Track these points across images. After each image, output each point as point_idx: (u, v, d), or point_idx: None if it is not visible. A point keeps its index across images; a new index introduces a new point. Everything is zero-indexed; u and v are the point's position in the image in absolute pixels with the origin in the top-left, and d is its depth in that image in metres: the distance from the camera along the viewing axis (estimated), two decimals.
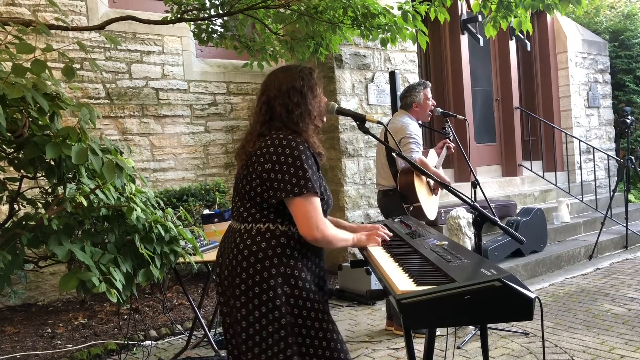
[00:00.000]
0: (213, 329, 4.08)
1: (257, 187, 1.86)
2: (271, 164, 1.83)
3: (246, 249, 1.86)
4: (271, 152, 1.84)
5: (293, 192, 1.79)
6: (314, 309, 1.87)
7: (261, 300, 1.82)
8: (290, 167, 1.81)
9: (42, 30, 2.27)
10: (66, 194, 2.28)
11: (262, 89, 2.01)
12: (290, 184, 1.79)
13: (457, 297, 1.41)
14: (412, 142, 3.71)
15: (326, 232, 1.84)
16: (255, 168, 1.87)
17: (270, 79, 2.00)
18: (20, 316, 4.64)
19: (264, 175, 1.84)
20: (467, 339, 3.66)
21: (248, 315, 1.83)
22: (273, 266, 1.83)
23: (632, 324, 3.83)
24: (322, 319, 1.89)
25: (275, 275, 1.83)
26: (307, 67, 2.03)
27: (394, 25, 4.09)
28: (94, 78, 5.33)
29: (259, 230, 1.88)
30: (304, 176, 1.80)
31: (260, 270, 1.83)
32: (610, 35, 9.17)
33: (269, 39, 4.58)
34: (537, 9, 4.07)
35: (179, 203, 5.08)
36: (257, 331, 1.83)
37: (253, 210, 1.90)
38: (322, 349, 1.87)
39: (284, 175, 1.80)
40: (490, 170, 7.80)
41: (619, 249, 6.42)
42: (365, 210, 5.76)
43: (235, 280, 1.86)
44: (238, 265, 1.86)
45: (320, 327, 1.88)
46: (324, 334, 1.88)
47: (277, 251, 1.85)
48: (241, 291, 1.85)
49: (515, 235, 2.00)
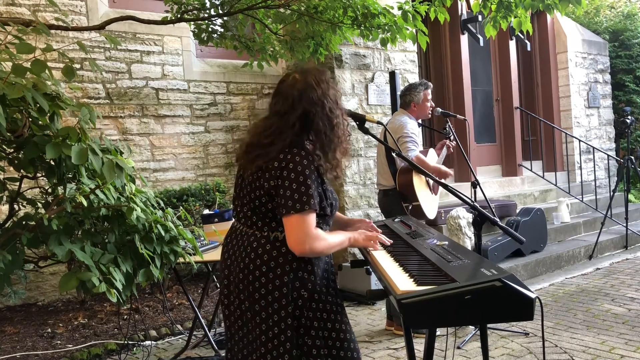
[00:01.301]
0: (213, 329, 4.08)
1: (267, 203, 1.85)
2: (277, 180, 1.80)
3: (258, 258, 1.85)
4: (282, 168, 1.80)
5: (294, 208, 1.77)
6: (325, 310, 1.89)
7: (272, 306, 1.82)
8: (293, 183, 1.78)
9: (42, 30, 2.27)
10: (66, 194, 2.28)
11: (285, 92, 1.89)
12: (292, 200, 1.78)
13: (457, 297, 1.41)
14: (409, 141, 3.71)
15: (315, 247, 1.80)
16: (262, 184, 1.84)
17: (298, 84, 1.88)
18: (20, 316, 4.63)
19: (272, 192, 1.83)
20: (467, 339, 3.66)
21: (256, 318, 1.84)
22: (285, 273, 1.83)
23: (632, 324, 3.83)
24: (334, 319, 1.90)
25: (287, 282, 1.83)
26: (323, 72, 1.96)
27: (394, 25, 4.09)
28: (94, 78, 5.33)
29: (276, 237, 1.87)
30: (307, 192, 1.78)
31: (273, 278, 1.83)
32: (610, 35, 9.17)
33: (269, 39, 4.58)
34: (537, 9, 4.07)
35: (179, 203, 5.08)
36: (263, 332, 1.83)
37: (262, 215, 1.89)
38: (337, 349, 1.88)
39: (286, 191, 1.78)
40: (490, 170, 7.80)
41: (619, 249, 6.42)
42: (365, 210, 5.76)
43: (248, 287, 1.85)
44: (250, 274, 1.85)
45: (332, 327, 1.89)
46: (337, 334, 1.89)
47: (288, 258, 1.84)
48: (254, 299, 1.84)
49: (515, 235, 2.00)
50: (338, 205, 2.03)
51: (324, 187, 1.90)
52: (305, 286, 1.86)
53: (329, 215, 1.94)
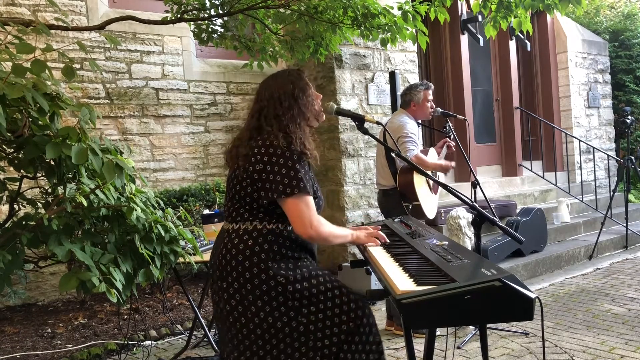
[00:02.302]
0: (213, 329, 4.08)
1: (248, 187, 1.89)
2: (262, 164, 1.85)
3: (234, 248, 1.89)
4: (262, 153, 1.86)
5: (285, 192, 1.81)
6: (317, 289, 1.90)
7: (255, 296, 1.84)
8: (282, 167, 1.83)
9: (42, 30, 2.27)
10: (66, 194, 2.28)
11: (254, 99, 2.06)
12: (282, 184, 1.81)
13: (457, 297, 1.41)
14: (408, 141, 3.71)
15: (321, 230, 1.87)
16: (247, 168, 1.89)
17: (262, 88, 2.05)
18: (20, 316, 4.63)
19: (255, 176, 1.86)
20: (467, 339, 3.66)
21: (242, 314, 1.85)
22: (261, 262, 1.85)
23: (632, 324, 3.83)
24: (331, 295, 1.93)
25: (265, 270, 1.84)
26: (295, 69, 2.07)
27: (394, 26, 4.09)
28: (94, 78, 5.33)
29: (246, 229, 1.90)
30: (296, 176, 1.82)
31: (249, 267, 1.85)
32: (610, 35, 9.17)
33: (269, 39, 4.58)
34: (537, 9, 4.07)
35: (179, 203, 5.08)
36: (250, 330, 1.84)
37: (242, 210, 1.92)
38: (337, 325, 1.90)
39: (275, 176, 1.82)
40: (490, 170, 7.80)
41: (619, 249, 6.41)
42: (365, 210, 5.76)
43: (227, 280, 1.87)
44: (228, 265, 1.88)
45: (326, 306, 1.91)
46: (333, 311, 1.91)
47: (265, 248, 1.87)
48: (234, 290, 1.86)
49: (514, 235, 2.00)
50: (323, 205, 2.07)
51: (310, 175, 1.94)
52: (288, 275, 1.86)
53: (320, 207, 1.98)
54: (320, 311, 1.88)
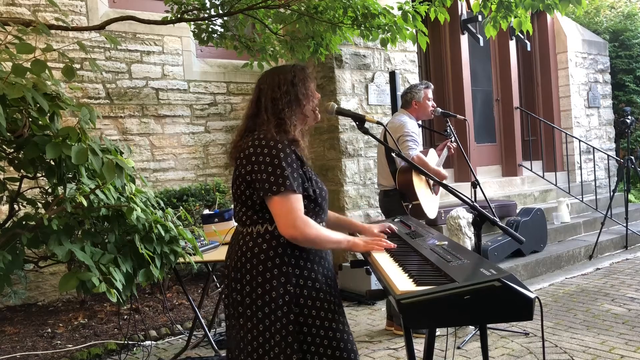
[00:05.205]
0: (213, 329, 4.08)
1: (246, 190, 1.88)
2: (251, 165, 1.84)
3: (249, 251, 1.87)
4: (251, 153, 1.85)
5: (271, 190, 1.79)
6: (323, 308, 1.87)
7: (264, 301, 1.82)
8: (268, 166, 1.81)
9: (42, 30, 2.27)
10: (66, 194, 2.28)
11: (256, 86, 2.05)
12: (268, 182, 1.80)
13: (457, 297, 1.41)
14: (409, 140, 3.71)
15: (306, 231, 1.79)
16: (240, 171, 1.88)
17: (263, 77, 2.05)
18: (20, 316, 4.64)
19: (247, 177, 1.85)
20: (467, 339, 3.66)
21: (252, 317, 1.84)
22: (275, 267, 1.83)
23: (632, 324, 3.83)
24: (332, 318, 1.88)
25: (278, 276, 1.83)
26: (300, 64, 2.07)
27: (394, 26, 4.09)
28: (94, 78, 5.33)
29: (259, 232, 1.88)
30: (282, 174, 1.79)
31: (263, 271, 1.83)
32: (610, 35, 9.17)
33: (269, 39, 4.58)
34: (537, 9, 4.07)
35: (179, 203, 5.08)
36: (260, 332, 1.83)
37: (249, 212, 1.91)
38: (332, 348, 1.86)
39: (262, 174, 1.81)
40: (490, 170, 7.80)
41: (619, 249, 6.41)
42: (365, 210, 5.76)
43: (241, 282, 1.87)
44: (242, 267, 1.87)
45: (330, 325, 1.87)
46: (334, 333, 1.87)
47: (279, 251, 1.85)
48: (246, 292, 1.85)
49: (514, 235, 2.00)
50: (327, 197, 2.02)
51: (304, 169, 1.91)
52: (305, 282, 1.86)
53: (318, 202, 1.93)
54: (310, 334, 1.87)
